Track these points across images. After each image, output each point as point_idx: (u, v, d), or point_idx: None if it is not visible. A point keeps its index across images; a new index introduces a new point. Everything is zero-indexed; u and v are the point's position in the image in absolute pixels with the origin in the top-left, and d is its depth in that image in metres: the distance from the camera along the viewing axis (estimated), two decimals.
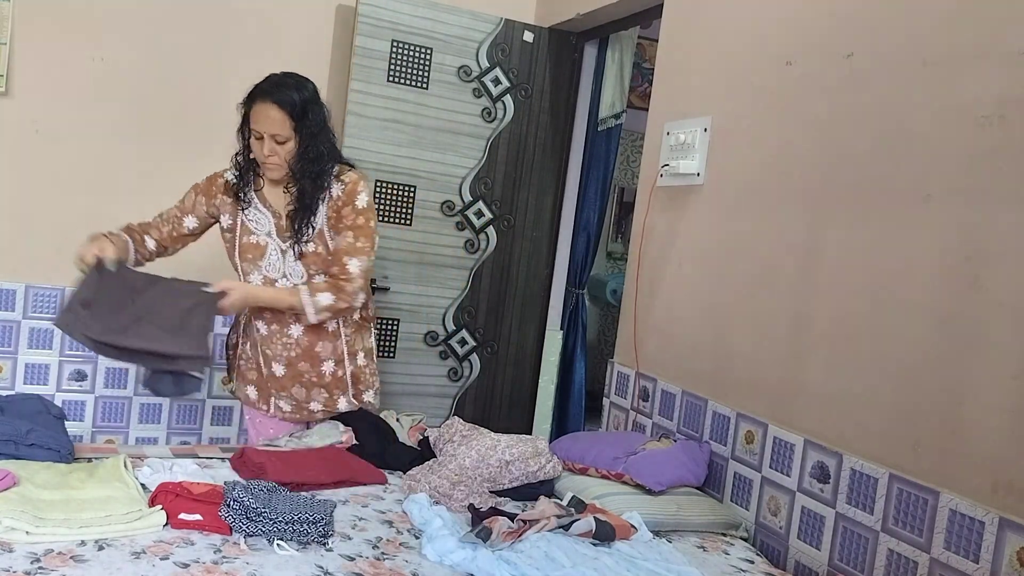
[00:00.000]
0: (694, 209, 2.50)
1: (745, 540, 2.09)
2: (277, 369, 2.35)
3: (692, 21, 2.61)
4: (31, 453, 1.84)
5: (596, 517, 1.83)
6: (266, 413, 2.42)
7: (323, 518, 1.66)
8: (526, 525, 1.77)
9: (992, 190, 1.63)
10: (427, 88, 3.31)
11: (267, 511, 1.62)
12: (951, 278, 1.69)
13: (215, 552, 1.55)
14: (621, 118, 3.59)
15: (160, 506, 1.65)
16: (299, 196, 2.23)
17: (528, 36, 3.46)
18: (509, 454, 2.10)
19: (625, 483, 2.13)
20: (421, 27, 3.29)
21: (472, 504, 1.88)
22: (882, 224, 1.86)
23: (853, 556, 1.84)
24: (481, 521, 1.73)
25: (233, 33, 3.24)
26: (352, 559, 1.60)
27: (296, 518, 1.63)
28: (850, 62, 1.98)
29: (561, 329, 3.75)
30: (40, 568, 1.41)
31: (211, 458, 2.10)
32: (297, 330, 2.32)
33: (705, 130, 2.45)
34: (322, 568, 1.55)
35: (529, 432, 3.65)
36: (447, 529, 1.72)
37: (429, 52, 3.31)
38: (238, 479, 1.87)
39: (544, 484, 2.13)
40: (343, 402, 2.42)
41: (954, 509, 1.62)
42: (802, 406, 2.03)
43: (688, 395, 2.43)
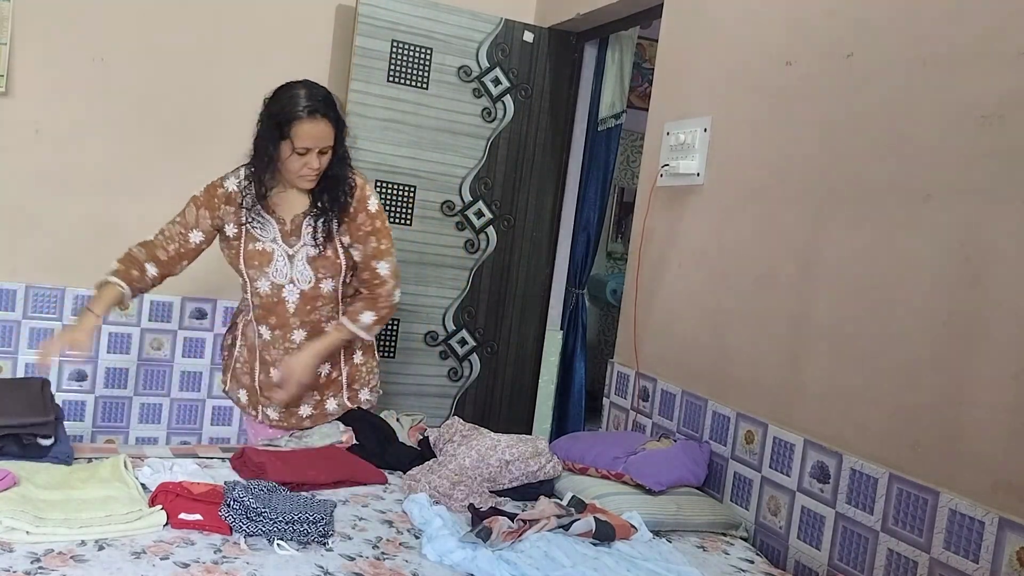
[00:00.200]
0: (694, 209, 2.50)
1: (745, 540, 2.09)
2: (275, 375, 2.32)
3: (692, 21, 2.61)
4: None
5: (596, 517, 1.83)
6: (255, 419, 2.42)
7: (323, 518, 1.66)
8: (526, 525, 1.77)
9: (992, 190, 1.63)
10: (427, 88, 3.31)
11: (267, 511, 1.62)
12: (951, 278, 1.69)
13: (215, 552, 1.55)
14: (621, 118, 3.59)
15: (160, 506, 1.65)
16: (322, 202, 2.24)
17: (528, 36, 3.46)
18: (509, 454, 2.10)
19: (625, 483, 2.13)
20: (421, 27, 3.29)
21: (472, 504, 1.88)
22: (882, 224, 1.86)
23: (853, 556, 1.84)
24: (481, 521, 1.73)
25: (233, 33, 3.24)
26: (352, 559, 1.61)
27: (296, 518, 1.63)
28: (850, 62, 1.98)
29: (561, 329, 3.75)
30: (40, 568, 1.41)
31: (211, 458, 2.10)
32: (300, 335, 2.32)
33: (705, 130, 2.45)
34: (322, 568, 1.55)
35: (529, 432, 3.65)
36: (447, 529, 1.72)
37: (429, 52, 3.31)
38: (238, 479, 1.87)
39: (544, 484, 2.13)
40: (332, 404, 2.41)
41: (954, 509, 1.62)
42: (802, 406, 2.03)
43: (688, 395, 2.43)
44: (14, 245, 3.05)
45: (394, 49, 3.26)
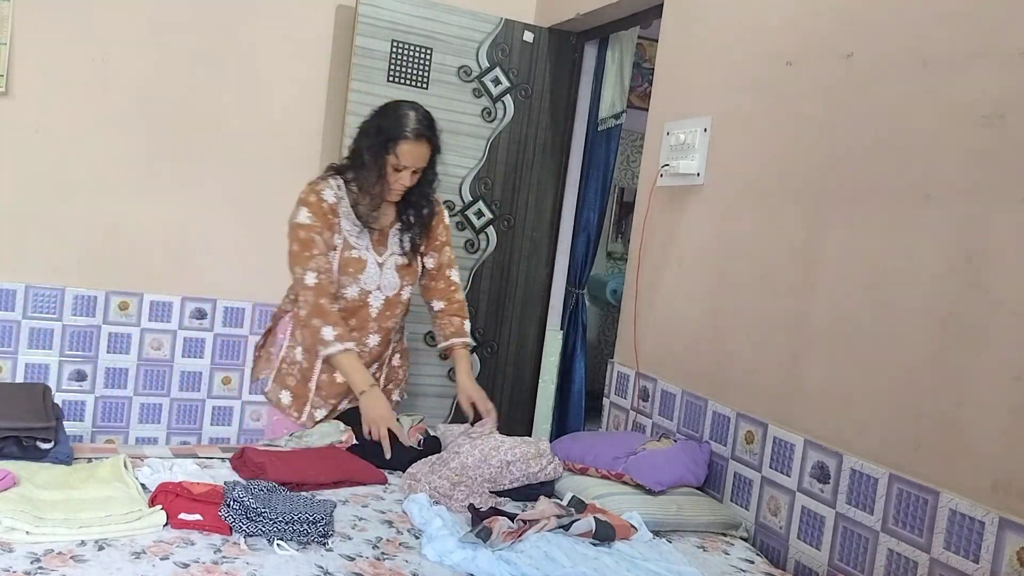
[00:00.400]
0: (694, 209, 2.50)
1: (745, 540, 2.09)
2: (339, 376, 2.36)
3: (692, 21, 2.61)
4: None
5: (596, 517, 1.83)
6: (295, 420, 2.42)
7: (323, 518, 1.66)
8: (526, 525, 1.77)
9: (992, 190, 1.63)
10: (427, 88, 3.31)
11: (267, 511, 1.62)
12: (951, 278, 1.69)
13: (215, 552, 1.55)
14: (621, 118, 3.58)
15: (160, 506, 1.65)
16: (409, 216, 2.40)
17: (528, 36, 3.46)
18: (511, 455, 2.10)
19: (625, 483, 2.13)
20: (421, 27, 3.29)
21: (472, 504, 1.88)
22: (882, 224, 1.86)
23: (853, 556, 1.84)
24: (481, 521, 1.73)
25: (233, 33, 3.24)
26: (352, 559, 1.60)
27: (296, 518, 1.63)
28: (850, 62, 1.98)
29: (561, 329, 3.75)
30: (40, 568, 1.41)
31: (211, 458, 2.10)
32: (374, 340, 2.42)
33: (705, 130, 2.45)
34: (322, 568, 1.55)
35: (529, 432, 3.66)
36: (447, 529, 1.72)
37: (429, 52, 3.31)
38: (238, 479, 1.87)
39: (544, 485, 2.13)
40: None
41: (954, 509, 1.62)
42: (802, 406, 2.03)
43: (688, 395, 2.43)
44: (14, 245, 3.05)
45: (394, 49, 3.26)
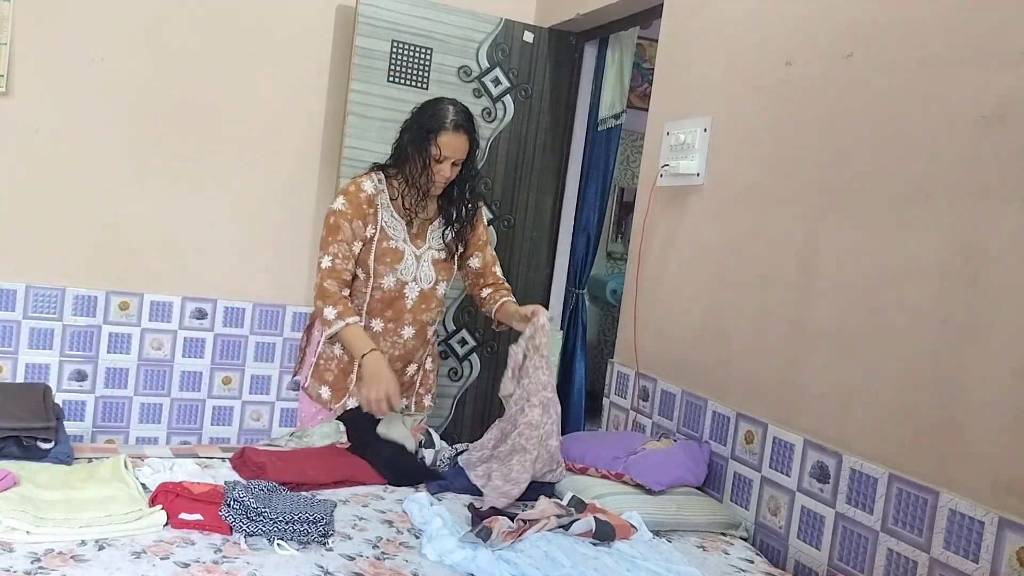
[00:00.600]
0: (694, 209, 2.50)
1: (745, 540, 2.09)
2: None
3: (692, 21, 2.61)
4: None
5: (596, 517, 1.83)
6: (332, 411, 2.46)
7: (323, 518, 1.66)
8: (526, 525, 1.77)
9: (992, 190, 1.63)
10: (427, 88, 3.31)
11: (267, 511, 1.62)
12: (951, 278, 1.69)
13: (215, 552, 1.55)
14: (621, 118, 3.58)
15: (160, 506, 1.65)
16: (450, 213, 2.46)
17: (528, 36, 3.46)
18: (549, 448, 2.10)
19: (625, 483, 2.13)
20: (421, 27, 3.29)
21: (472, 504, 1.88)
22: (882, 224, 1.86)
23: (853, 556, 1.84)
24: (481, 521, 1.73)
25: (233, 33, 3.24)
26: (352, 559, 1.61)
27: (296, 518, 1.63)
28: (850, 62, 1.98)
29: (561, 329, 3.75)
30: (40, 568, 1.41)
31: (211, 458, 2.10)
32: (409, 332, 2.45)
33: (705, 130, 2.45)
34: (322, 568, 1.55)
35: None
36: (447, 529, 1.73)
37: (429, 52, 3.31)
38: (238, 479, 1.88)
39: (545, 485, 2.13)
40: (427, 400, 2.60)
41: (954, 509, 1.62)
42: (802, 406, 2.04)
43: (688, 395, 2.43)
44: (14, 245, 3.05)
45: (394, 49, 3.26)
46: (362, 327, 2.34)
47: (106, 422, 3.24)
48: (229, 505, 1.64)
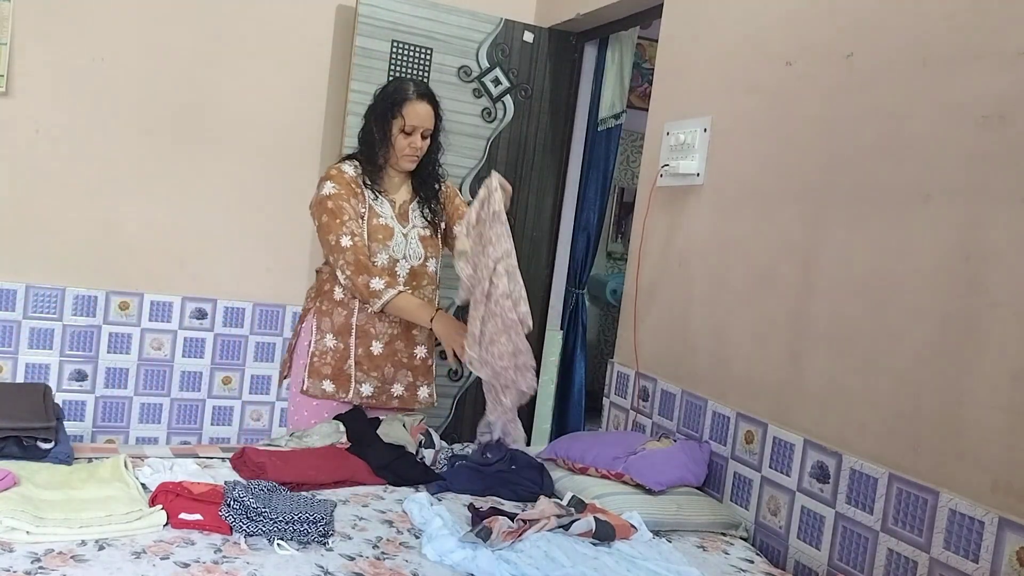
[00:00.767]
0: (694, 209, 2.50)
1: (745, 540, 2.09)
2: (375, 347, 2.45)
3: (692, 21, 2.61)
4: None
5: (596, 517, 1.83)
6: (344, 400, 2.45)
7: (323, 518, 1.66)
8: (526, 525, 1.77)
9: (992, 190, 1.63)
10: None
11: (267, 511, 1.62)
12: (951, 278, 1.69)
13: (215, 552, 1.55)
14: (621, 118, 3.58)
15: (160, 506, 1.65)
16: (424, 192, 2.50)
17: (528, 36, 3.46)
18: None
19: (625, 483, 2.13)
20: (421, 27, 3.29)
21: (472, 504, 1.88)
22: (882, 224, 1.86)
23: (853, 556, 1.84)
24: (481, 521, 1.73)
25: (233, 33, 3.24)
26: (352, 559, 1.61)
27: (296, 518, 1.63)
28: (850, 62, 1.98)
29: (561, 329, 3.75)
30: (40, 568, 1.41)
31: (211, 458, 2.10)
32: None
33: (705, 130, 2.45)
34: (322, 568, 1.55)
35: (529, 433, 3.66)
36: (447, 529, 1.73)
37: (429, 52, 3.31)
38: (238, 479, 1.88)
39: (545, 486, 2.12)
40: (424, 392, 2.56)
41: (954, 509, 1.62)
42: (802, 406, 2.04)
43: (688, 395, 2.43)
44: (14, 245, 3.05)
45: (394, 49, 3.26)
46: (410, 293, 2.38)
47: (106, 422, 3.24)
48: (229, 505, 1.64)
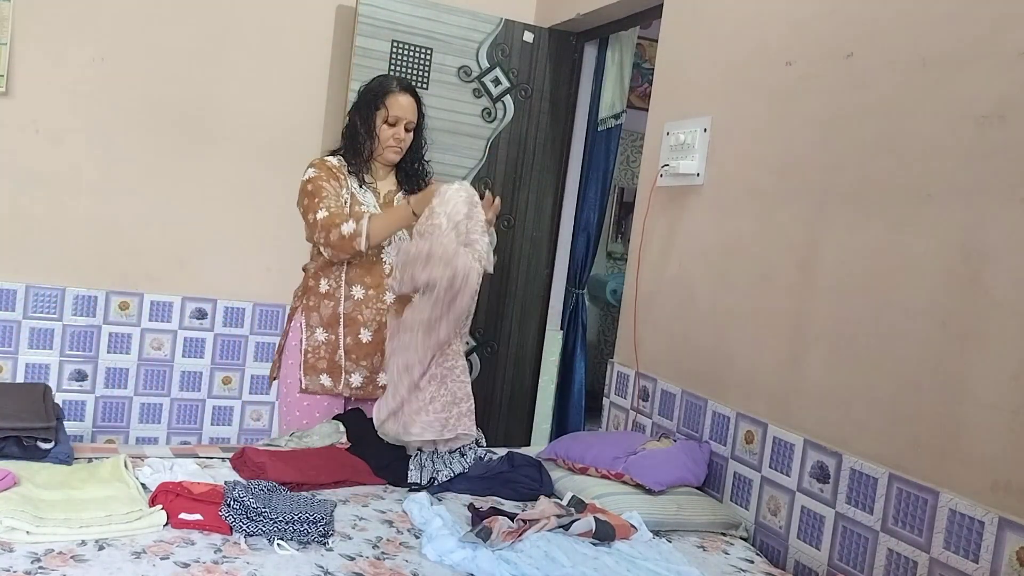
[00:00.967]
0: (694, 209, 2.50)
1: (745, 540, 2.09)
2: (364, 335, 2.46)
3: (692, 21, 2.61)
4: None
5: (596, 517, 1.83)
6: (335, 394, 2.48)
7: (323, 518, 1.66)
8: (526, 525, 1.77)
9: (992, 190, 1.63)
10: (427, 88, 3.31)
11: (267, 511, 1.62)
12: (951, 278, 1.69)
13: (215, 552, 1.55)
14: (621, 118, 3.59)
15: (160, 506, 1.65)
16: (411, 180, 2.55)
17: (528, 36, 3.46)
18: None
19: (625, 483, 2.13)
20: (421, 27, 3.29)
21: (472, 504, 1.88)
22: (882, 224, 1.86)
23: (853, 556, 1.84)
24: (481, 521, 1.73)
25: (233, 33, 3.24)
26: (352, 559, 1.61)
27: (296, 518, 1.63)
28: (850, 62, 1.98)
29: (561, 329, 3.75)
30: (40, 568, 1.41)
31: (211, 458, 2.10)
32: (390, 297, 2.46)
33: (705, 130, 2.45)
34: (322, 568, 1.55)
35: (529, 433, 3.66)
36: (447, 529, 1.73)
37: (429, 52, 3.31)
38: (238, 479, 1.88)
39: (544, 485, 2.12)
40: None
41: (954, 509, 1.62)
42: (802, 406, 2.04)
43: (688, 395, 2.43)
44: (14, 245, 3.05)
45: (394, 49, 3.26)
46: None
47: (106, 422, 3.24)
48: (229, 505, 1.64)
